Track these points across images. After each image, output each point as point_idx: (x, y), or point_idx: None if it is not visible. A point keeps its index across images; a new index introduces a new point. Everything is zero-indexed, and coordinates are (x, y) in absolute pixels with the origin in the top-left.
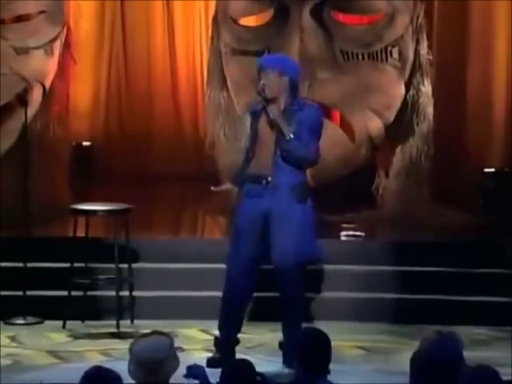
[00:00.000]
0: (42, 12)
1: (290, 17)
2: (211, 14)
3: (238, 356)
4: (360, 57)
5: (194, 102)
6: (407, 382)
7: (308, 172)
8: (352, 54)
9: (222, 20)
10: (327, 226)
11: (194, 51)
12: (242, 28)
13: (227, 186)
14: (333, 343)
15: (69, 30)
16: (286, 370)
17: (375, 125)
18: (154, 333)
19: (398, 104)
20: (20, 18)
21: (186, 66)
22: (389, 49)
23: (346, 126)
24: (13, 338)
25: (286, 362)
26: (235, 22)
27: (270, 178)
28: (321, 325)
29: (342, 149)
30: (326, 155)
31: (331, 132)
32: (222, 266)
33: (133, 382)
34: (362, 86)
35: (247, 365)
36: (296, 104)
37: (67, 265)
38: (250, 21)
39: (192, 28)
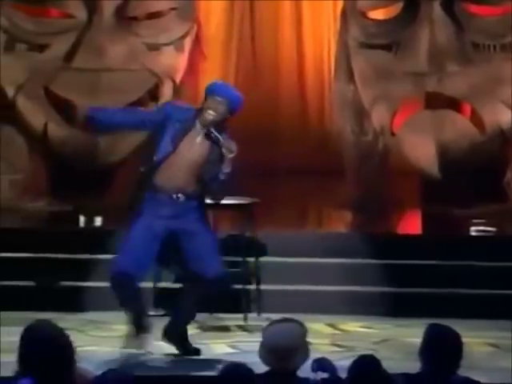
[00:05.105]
0: (173, 9)
1: (421, 9)
2: (339, 7)
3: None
4: (492, 48)
5: (321, 95)
6: None
7: (436, 164)
8: (483, 45)
9: (350, 13)
10: (456, 221)
11: (321, 44)
12: (371, 21)
13: None
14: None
15: (199, 26)
16: None
17: (507, 118)
18: (290, 320)
19: None
20: (152, 15)
21: (313, 59)
22: None
23: (476, 118)
24: None
25: None
26: (364, 15)
27: (180, 195)
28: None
29: (471, 141)
30: (454, 148)
31: (460, 125)
32: (346, 260)
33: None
34: (493, 79)
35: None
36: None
37: None
38: (378, 14)
39: (319, 21)
